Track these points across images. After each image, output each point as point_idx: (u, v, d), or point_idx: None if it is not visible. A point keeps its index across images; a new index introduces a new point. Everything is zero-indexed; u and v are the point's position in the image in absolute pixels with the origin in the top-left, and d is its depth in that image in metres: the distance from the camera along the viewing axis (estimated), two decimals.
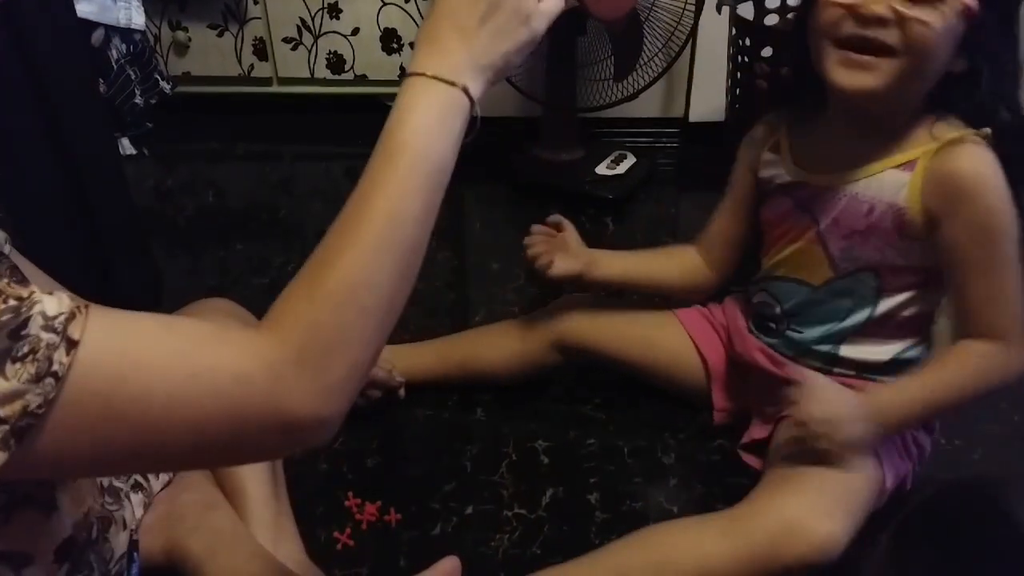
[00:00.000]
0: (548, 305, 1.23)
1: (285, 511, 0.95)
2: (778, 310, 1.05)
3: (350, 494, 1.07)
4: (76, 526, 0.64)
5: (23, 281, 0.46)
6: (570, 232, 1.17)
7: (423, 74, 0.59)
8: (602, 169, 1.82)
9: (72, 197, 1.10)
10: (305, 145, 2.13)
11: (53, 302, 0.46)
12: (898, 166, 0.91)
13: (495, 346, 1.22)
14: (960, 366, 0.91)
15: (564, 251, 1.13)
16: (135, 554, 0.77)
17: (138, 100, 1.93)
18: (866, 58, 0.83)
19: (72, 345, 0.45)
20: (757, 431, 1.08)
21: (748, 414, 1.12)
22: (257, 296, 1.45)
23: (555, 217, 1.18)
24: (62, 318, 0.45)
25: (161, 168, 1.99)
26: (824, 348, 1.01)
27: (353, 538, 1.02)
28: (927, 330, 1.00)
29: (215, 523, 0.83)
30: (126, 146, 1.96)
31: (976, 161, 0.86)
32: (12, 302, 0.44)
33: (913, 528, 0.80)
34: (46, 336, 0.44)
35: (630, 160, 1.85)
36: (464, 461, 1.14)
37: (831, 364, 1.02)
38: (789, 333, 1.04)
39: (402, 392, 1.18)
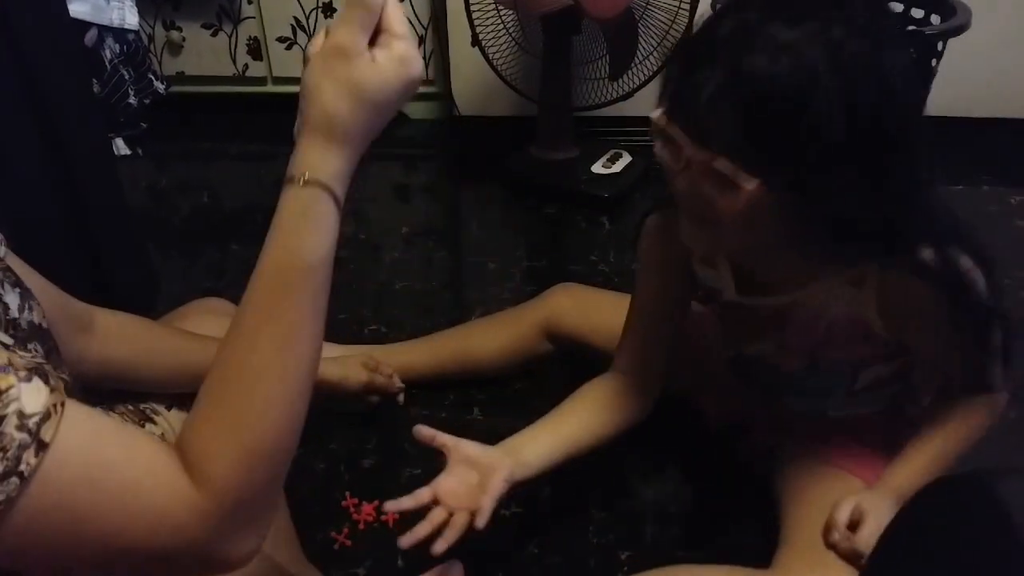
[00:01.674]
0: (540, 295, 1.24)
1: (282, 511, 0.95)
2: (755, 380, 1.02)
3: (347, 494, 1.07)
4: None
5: (5, 368, 0.47)
6: (461, 448, 0.87)
7: (326, 187, 0.58)
8: (598, 168, 1.82)
9: (66, 198, 1.10)
10: None
11: (31, 396, 0.46)
12: (846, 281, 0.83)
13: (488, 337, 1.22)
14: (961, 427, 0.90)
15: (469, 477, 0.85)
16: None
17: (132, 100, 1.93)
18: (690, 224, 0.79)
19: (42, 447, 0.46)
20: (757, 436, 1.07)
21: (742, 412, 1.12)
22: None
23: (421, 434, 0.87)
24: (37, 418, 0.46)
25: (155, 168, 1.98)
26: (810, 412, 0.99)
27: (351, 538, 1.02)
28: (913, 380, 0.96)
29: None
30: (120, 146, 1.96)
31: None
32: None
33: (908, 524, 0.80)
34: (19, 436, 0.45)
35: (626, 159, 1.85)
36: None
37: (820, 417, 0.99)
38: (770, 399, 1.02)
39: (401, 398, 1.18)
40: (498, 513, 1.05)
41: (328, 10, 1.99)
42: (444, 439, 0.87)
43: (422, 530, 0.82)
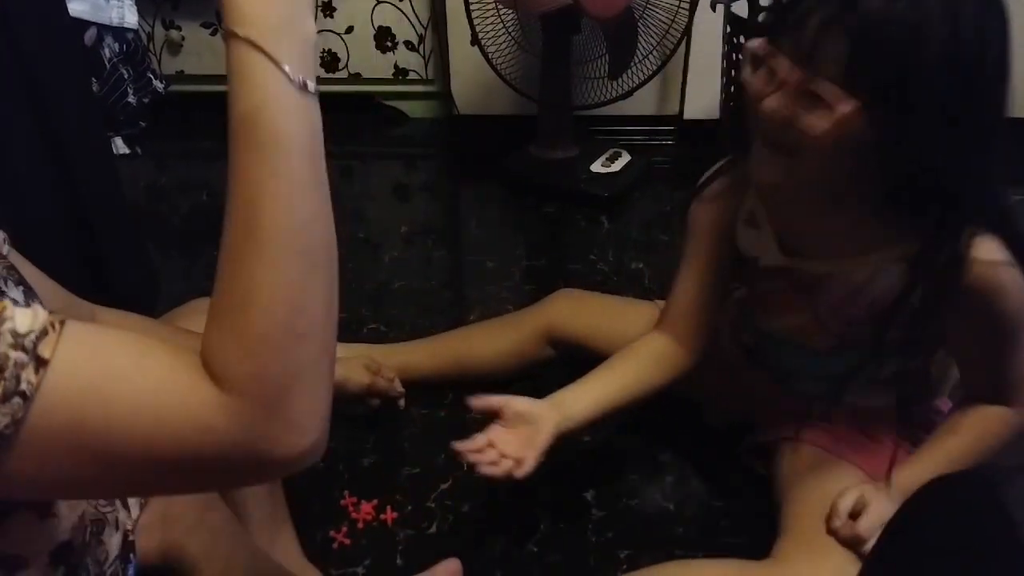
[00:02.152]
0: (541, 300, 1.24)
1: (281, 510, 0.95)
2: (774, 363, 1.02)
3: (346, 493, 1.07)
4: (73, 529, 0.64)
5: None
6: (511, 405, 0.94)
7: (230, 33, 0.52)
8: (597, 167, 1.82)
9: (66, 197, 1.10)
10: None
11: (26, 317, 0.44)
12: (900, 258, 0.83)
13: (488, 341, 1.22)
14: (978, 433, 0.90)
15: (522, 430, 0.92)
16: (132, 555, 0.76)
17: (131, 99, 1.93)
18: (768, 153, 0.80)
19: (42, 364, 0.44)
20: (758, 435, 1.07)
21: (747, 413, 1.12)
22: None
23: (475, 405, 0.96)
24: (33, 336, 0.44)
25: (155, 167, 1.98)
26: (825, 398, 0.99)
27: (350, 537, 1.02)
28: (931, 377, 0.97)
29: (212, 522, 0.83)
30: (120, 145, 1.96)
31: (989, 275, 0.79)
32: None
33: (909, 522, 0.80)
34: (14, 355, 0.43)
35: (625, 158, 1.85)
36: (460, 459, 1.14)
37: (832, 406, 0.99)
38: (785, 386, 1.02)
39: (402, 403, 1.18)
40: (496, 512, 1.05)
41: (328, 9, 1.99)
42: (494, 401, 0.94)
43: (475, 458, 0.90)
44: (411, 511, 1.06)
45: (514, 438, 0.91)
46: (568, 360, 1.22)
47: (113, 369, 0.47)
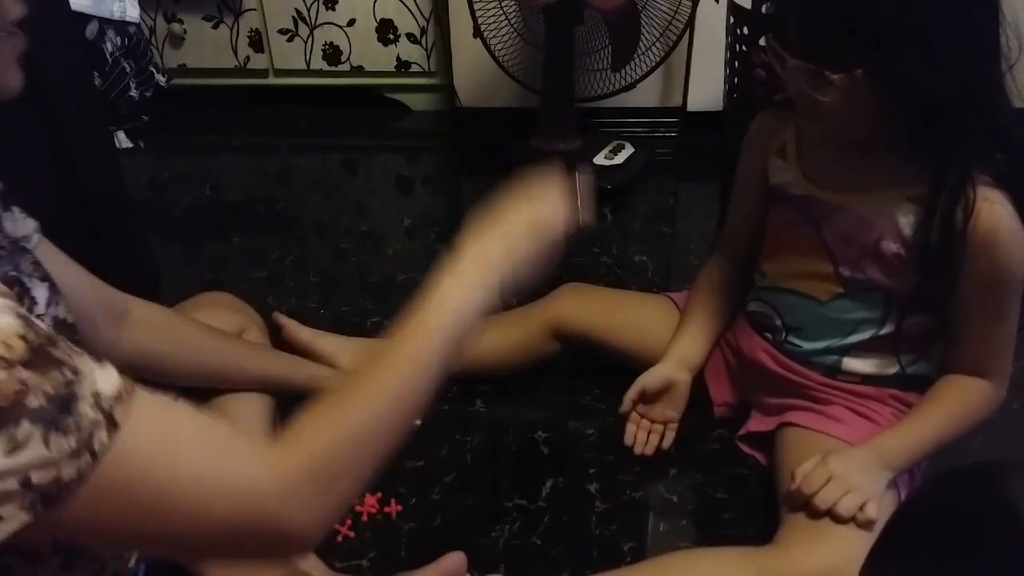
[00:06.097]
0: (546, 294, 1.24)
1: None
2: (778, 322, 1.04)
3: None
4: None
5: (80, 351, 0.49)
6: (648, 385, 1.08)
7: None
8: (600, 159, 1.82)
9: (68, 192, 1.10)
10: (302, 137, 2.12)
11: (106, 379, 0.49)
12: (910, 198, 0.89)
13: (494, 336, 1.22)
14: (957, 404, 0.93)
15: (664, 397, 1.08)
16: None
17: (133, 93, 1.92)
18: (802, 118, 0.93)
19: (114, 427, 0.48)
20: (756, 424, 1.08)
21: (748, 404, 1.12)
22: (255, 289, 1.44)
23: (626, 409, 1.09)
24: (111, 399, 0.48)
25: (157, 161, 1.98)
26: (826, 360, 1.01)
27: (353, 530, 1.02)
28: (934, 346, 0.98)
29: None
30: (122, 139, 1.95)
31: (993, 213, 0.84)
32: (68, 374, 0.46)
33: (912, 516, 0.80)
34: (92, 414, 0.47)
35: (628, 150, 1.85)
36: (464, 452, 1.14)
37: (833, 374, 1.01)
38: (787, 346, 1.03)
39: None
40: (500, 505, 1.06)
41: (330, 1, 1.98)
42: (632, 395, 1.07)
43: (633, 439, 1.09)
44: (415, 504, 1.06)
45: (658, 407, 1.08)
46: (574, 354, 1.23)
47: (178, 432, 0.52)
